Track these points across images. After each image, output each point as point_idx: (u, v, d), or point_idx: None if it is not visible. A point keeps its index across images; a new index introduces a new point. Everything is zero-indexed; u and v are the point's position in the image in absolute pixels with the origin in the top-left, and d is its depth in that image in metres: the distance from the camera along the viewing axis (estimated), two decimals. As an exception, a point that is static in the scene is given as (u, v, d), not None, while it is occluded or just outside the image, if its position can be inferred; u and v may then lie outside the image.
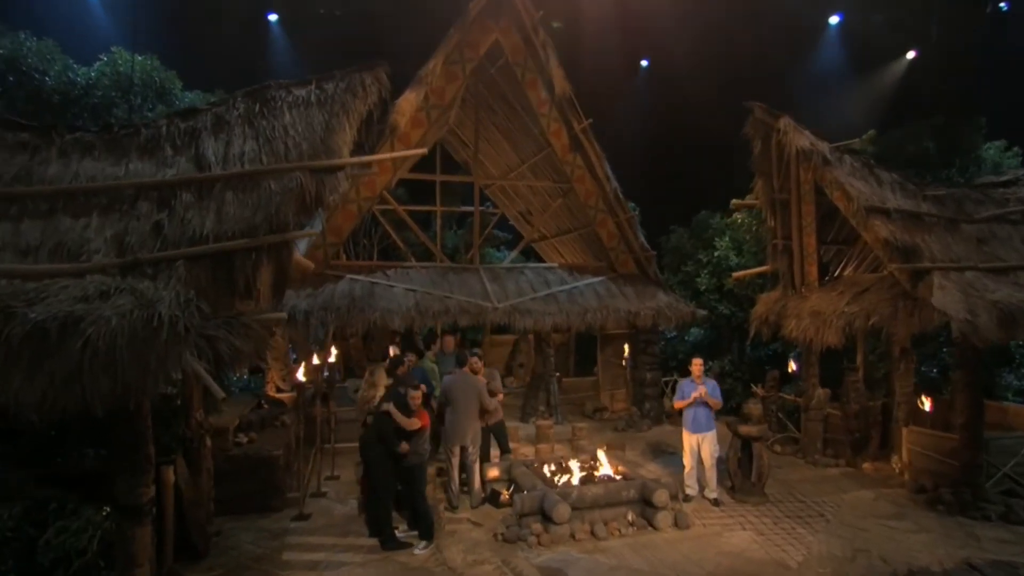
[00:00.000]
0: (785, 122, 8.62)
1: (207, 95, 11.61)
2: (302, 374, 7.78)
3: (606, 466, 7.55)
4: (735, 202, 10.96)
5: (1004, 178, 9.12)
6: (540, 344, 12.42)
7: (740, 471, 7.84)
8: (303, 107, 5.93)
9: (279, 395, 10.31)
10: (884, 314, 7.72)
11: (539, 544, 6.31)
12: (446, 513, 7.27)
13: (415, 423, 6.33)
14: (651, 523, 6.78)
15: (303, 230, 5.47)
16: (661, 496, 6.79)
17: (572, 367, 15.19)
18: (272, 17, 16.57)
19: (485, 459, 7.95)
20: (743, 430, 7.77)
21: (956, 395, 7.79)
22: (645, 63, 19.60)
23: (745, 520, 7.08)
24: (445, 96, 10.95)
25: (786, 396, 10.86)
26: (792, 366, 11.24)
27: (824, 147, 8.33)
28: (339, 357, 11.57)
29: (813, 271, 9.40)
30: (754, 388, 10.52)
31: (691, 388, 7.62)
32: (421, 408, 6.55)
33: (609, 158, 11.88)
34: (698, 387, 7.52)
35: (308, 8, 16.29)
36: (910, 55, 16.57)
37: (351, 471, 8.67)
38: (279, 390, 10.47)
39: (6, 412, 3.72)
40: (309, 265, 7.90)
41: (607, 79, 18.31)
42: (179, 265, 4.71)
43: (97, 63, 10.94)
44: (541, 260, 14.98)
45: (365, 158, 6.00)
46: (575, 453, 8.78)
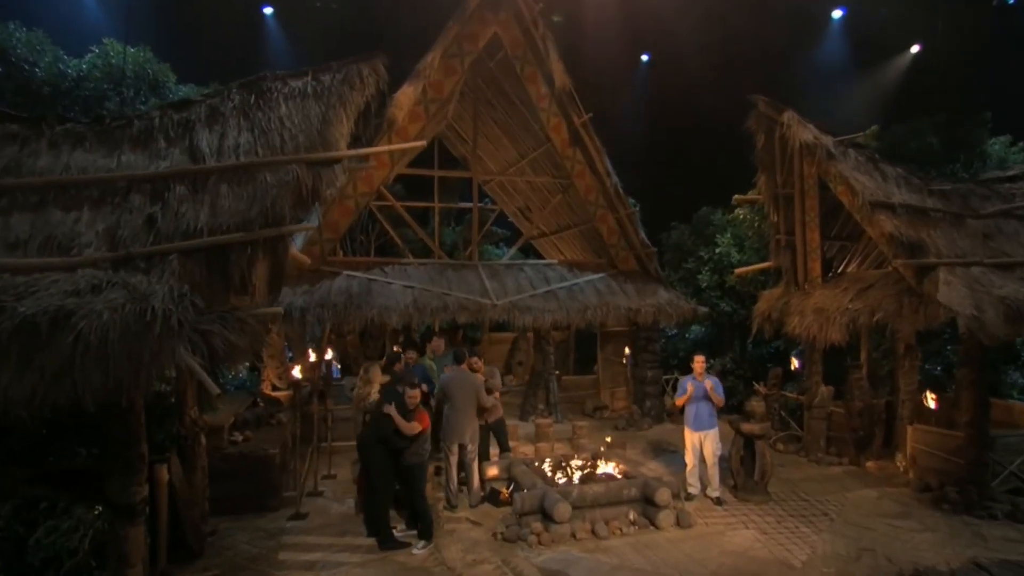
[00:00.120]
0: (789, 116, 8.58)
1: (201, 89, 11.53)
2: (298, 371, 7.72)
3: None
4: (737, 197, 10.93)
5: (1010, 173, 9.10)
6: (540, 342, 12.38)
7: (743, 469, 7.81)
8: (299, 99, 5.87)
9: (275, 393, 10.25)
10: (889, 310, 7.69)
11: (539, 543, 6.27)
12: (445, 512, 7.23)
13: (415, 427, 6.28)
14: (653, 522, 6.74)
15: (300, 224, 5.41)
16: (663, 495, 6.75)
17: (572, 365, 15.16)
18: (267, 10, 16.49)
19: (484, 457, 7.91)
20: (746, 428, 7.75)
21: (961, 393, 7.76)
22: (646, 57, 19.55)
23: (748, 519, 7.05)
24: (443, 90, 10.89)
25: (788, 394, 10.84)
26: (795, 363, 11.22)
27: (828, 141, 8.29)
28: (336, 355, 11.55)
29: (816, 267, 9.36)
30: (756, 386, 10.50)
31: (693, 384, 7.58)
32: (420, 408, 6.49)
33: (609, 153, 11.82)
34: (702, 384, 7.49)
35: (304, 1, 16.21)
36: (914, 49, 16.53)
37: (348, 470, 8.63)
38: (275, 388, 10.41)
39: (-5, 409, 3.67)
40: (305, 260, 7.84)
41: (607, 73, 18.26)
42: (173, 259, 4.65)
43: (88, 55, 10.85)
44: (540, 257, 14.92)
45: (363, 150, 5.94)
46: (575, 451, 8.74)
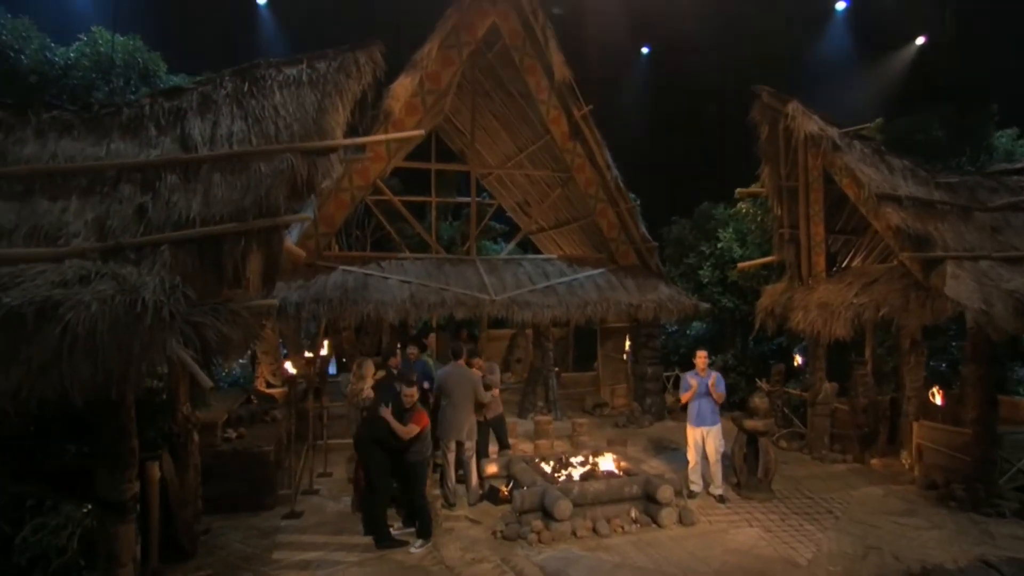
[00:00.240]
0: (793, 106, 8.51)
1: (193, 79, 11.39)
2: (293, 367, 7.65)
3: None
4: (740, 191, 10.87)
5: (1018, 165, 9.06)
6: (539, 338, 12.33)
7: (746, 467, 7.77)
8: (294, 87, 5.78)
9: (269, 390, 10.18)
10: (895, 305, 7.64)
11: (540, 542, 6.22)
12: (443, 510, 7.17)
13: (412, 430, 6.20)
14: (655, 520, 6.70)
15: (294, 215, 5.33)
16: (665, 492, 6.71)
17: (571, 362, 15.12)
18: (260, 0, 16.37)
19: (484, 455, 7.85)
20: (749, 424, 7.70)
21: (968, 389, 7.73)
22: (646, 50, 19.45)
23: (752, 517, 7.01)
24: (441, 81, 10.81)
25: (791, 390, 10.80)
26: (798, 360, 11.18)
27: (834, 132, 8.23)
28: (331, 350, 11.47)
29: (821, 261, 9.31)
30: (759, 382, 10.46)
31: (696, 380, 7.54)
32: (418, 407, 6.42)
33: (609, 147, 11.76)
34: (704, 379, 7.44)
35: (298, -9, 16.10)
36: (920, 41, 16.44)
37: (344, 468, 8.58)
38: (269, 385, 10.34)
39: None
40: (300, 254, 7.76)
41: (608, 65, 18.18)
42: (164, 250, 4.57)
43: (76, 43, 10.71)
44: (539, 252, 14.86)
45: (359, 139, 5.87)
46: (575, 449, 8.69)
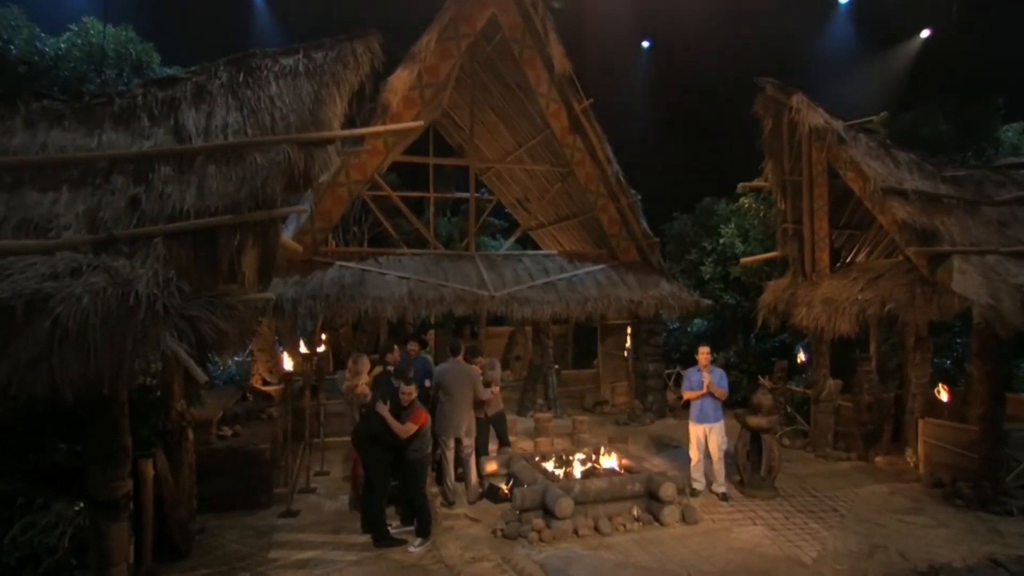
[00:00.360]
0: (798, 99, 8.47)
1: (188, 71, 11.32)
2: (290, 364, 7.59)
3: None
4: (743, 185, 10.84)
5: (1025, 159, 9.03)
6: (538, 335, 12.29)
7: (749, 464, 7.74)
8: (290, 77, 5.73)
9: (265, 388, 10.12)
10: (900, 300, 7.60)
11: (540, 540, 6.18)
12: (442, 509, 7.13)
13: (409, 429, 6.15)
14: (657, 518, 6.66)
15: (291, 207, 5.28)
16: (668, 490, 6.67)
17: (571, 359, 15.09)
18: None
19: (483, 452, 7.81)
20: (752, 422, 7.66)
21: (975, 386, 7.70)
22: (647, 44, 19.38)
23: (755, 515, 6.98)
24: (439, 74, 10.75)
25: (794, 388, 10.77)
26: (801, 356, 11.15)
27: (839, 125, 8.19)
28: (328, 347, 11.42)
29: (825, 257, 9.27)
30: (761, 380, 10.43)
31: (698, 377, 7.51)
32: (417, 405, 6.37)
33: (610, 141, 11.71)
34: (704, 376, 7.41)
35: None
36: (924, 34, 16.39)
37: (341, 466, 8.54)
38: (265, 382, 10.29)
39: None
40: (297, 248, 7.68)
41: (609, 58, 18.12)
42: (157, 242, 4.51)
43: (67, 33, 10.62)
44: (538, 249, 14.82)
45: (357, 131, 5.81)
46: (576, 447, 8.65)
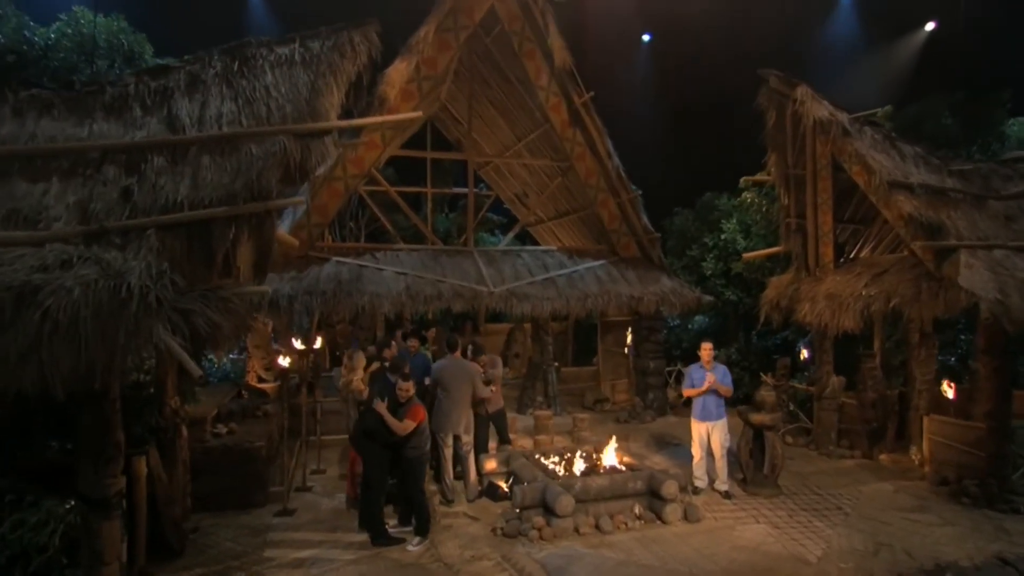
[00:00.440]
0: (802, 91, 8.41)
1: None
2: (286, 361, 7.53)
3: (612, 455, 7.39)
4: (746, 179, 10.79)
5: (1033, 153, 8.99)
6: (538, 332, 12.24)
7: (752, 462, 7.70)
8: (286, 66, 5.66)
9: (261, 385, 10.06)
10: (906, 296, 7.57)
11: (541, 538, 6.14)
12: (441, 507, 7.09)
13: (408, 426, 6.10)
14: (659, 516, 6.63)
15: (287, 199, 5.21)
16: (670, 488, 6.63)
17: (571, 356, 15.03)
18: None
19: (483, 450, 7.77)
20: (755, 419, 7.62)
21: (980, 382, 7.66)
22: (647, 37, 19.29)
23: (759, 513, 6.95)
24: (437, 66, 10.66)
25: (797, 385, 10.73)
26: (804, 353, 11.11)
27: (843, 118, 8.14)
28: (324, 344, 11.35)
29: (828, 252, 9.23)
30: (764, 377, 10.38)
31: (700, 374, 7.46)
32: (415, 401, 6.32)
33: (610, 135, 11.64)
34: (707, 373, 7.36)
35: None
36: (929, 26, 16.31)
37: (338, 464, 8.49)
38: (261, 380, 10.23)
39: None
40: (293, 242, 7.62)
41: (609, 52, 18.03)
42: (150, 234, 4.45)
43: (56, 23, 10.51)
44: (537, 245, 14.75)
45: (355, 121, 5.74)
46: (577, 445, 8.61)
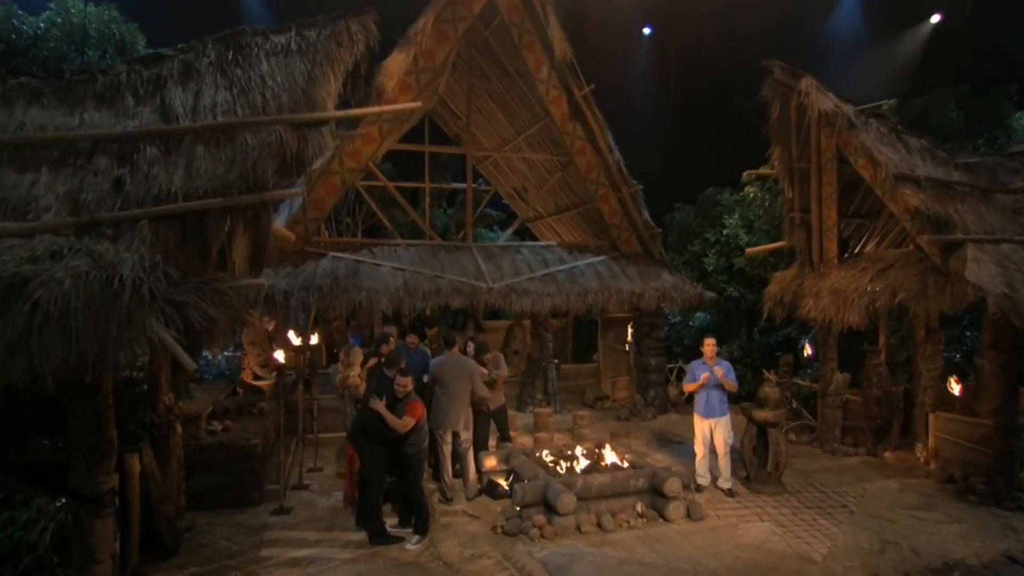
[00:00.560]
0: (807, 82, 8.35)
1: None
2: (282, 356, 7.48)
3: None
4: (749, 172, 10.75)
5: (1040, 146, 8.96)
6: (537, 328, 12.20)
7: (755, 459, 7.67)
8: (282, 55, 5.61)
9: (257, 382, 10.01)
10: (912, 291, 7.53)
11: (542, 537, 6.10)
12: (440, 505, 7.05)
13: (408, 423, 6.06)
14: (662, 514, 6.60)
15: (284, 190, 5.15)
16: (673, 485, 6.60)
17: (570, 354, 14.98)
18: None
19: (484, 447, 7.73)
20: (759, 416, 7.59)
21: (987, 379, 7.64)
22: (648, 30, 19.21)
23: (762, 511, 6.92)
24: (436, 58, 10.60)
25: (800, 382, 10.70)
26: (808, 350, 11.08)
27: (849, 110, 8.10)
28: (321, 341, 11.30)
29: (833, 247, 9.19)
30: (767, 374, 10.34)
31: (702, 370, 7.42)
32: (414, 398, 6.28)
33: (611, 130, 11.59)
34: (712, 369, 7.32)
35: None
36: (935, 18, 16.25)
37: (335, 462, 8.44)
38: (257, 377, 10.17)
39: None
40: (289, 236, 7.56)
41: (610, 45, 17.96)
42: (143, 226, 4.39)
43: (46, 12, 10.41)
44: (536, 241, 14.70)
45: (352, 111, 5.69)
46: (577, 442, 8.57)
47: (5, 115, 4.76)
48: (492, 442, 8.11)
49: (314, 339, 9.34)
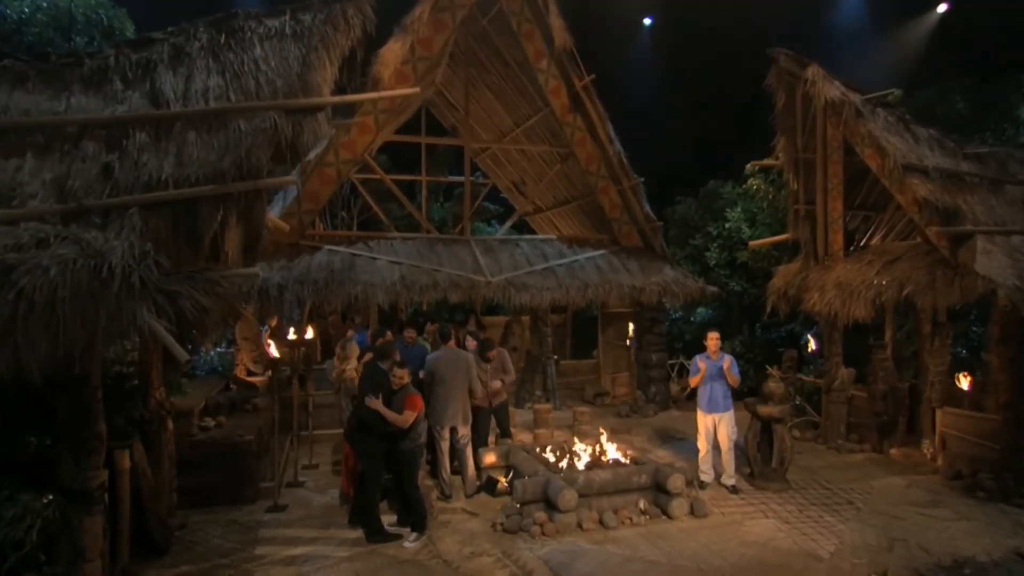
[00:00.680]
0: (813, 71, 8.28)
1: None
2: (276, 350, 7.40)
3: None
4: (753, 163, 10.68)
5: (1050, 137, 8.92)
6: (536, 323, 12.14)
7: (760, 456, 7.62)
8: (276, 39, 5.51)
9: (250, 378, 9.92)
10: (920, 284, 7.47)
11: (543, 534, 6.04)
12: (438, 503, 6.99)
13: (408, 417, 5.99)
14: (665, 511, 6.54)
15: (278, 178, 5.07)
16: (676, 482, 6.54)
17: (569, 350, 14.93)
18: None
19: (484, 443, 7.67)
20: (763, 411, 7.54)
21: (995, 374, 7.61)
22: (649, 21, 19.11)
23: (767, 508, 6.87)
24: (433, 47, 10.51)
25: (804, 377, 10.66)
26: (812, 345, 11.04)
27: (856, 99, 8.04)
28: (316, 336, 11.20)
29: (838, 239, 9.14)
30: (769, 369, 10.31)
31: (706, 364, 7.37)
32: (412, 391, 6.21)
33: (612, 120, 11.51)
34: (725, 361, 7.28)
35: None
36: (941, 8, 16.18)
37: (331, 459, 8.38)
38: (250, 373, 10.08)
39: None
40: (284, 227, 7.47)
41: (610, 34, 17.87)
42: (133, 213, 4.30)
43: None
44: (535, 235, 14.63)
45: (348, 97, 5.60)
46: (578, 439, 8.51)
47: (-12, 99, 4.66)
48: (491, 438, 8.05)
49: (309, 334, 9.23)
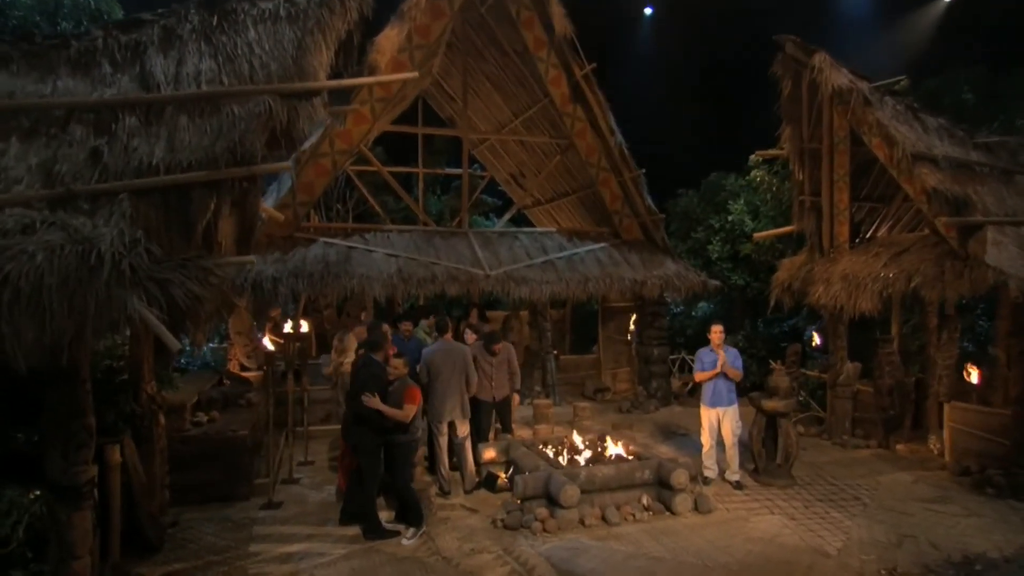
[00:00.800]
0: (820, 58, 8.21)
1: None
2: (269, 343, 7.32)
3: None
4: (758, 153, 10.62)
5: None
6: (536, 318, 12.08)
7: (764, 451, 7.58)
8: (271, 22, 5.39)
9: (244, 373, 9.85)
10: (928, 276, 7.43)
11: (544, 531, 5.99)
12: (437, 499, 6.94)
13: (409, 411, 5.92)
14: (668, 507, 6.50)
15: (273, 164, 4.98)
16: (680, 477, 6.49)
17: (569, 345, 14.88)
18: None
19: (484, 439, 7.61)
20: (768, 405, 7.49)
21: (1004, 368, 7.58)
22: (650, 10, 19.00)
23: (773, 504, 6.83)
24: (430, 34, 10.40)
25: (808, 372, 10.63)
26: (816, 340, 11.00)
27: (864, 86, 7.98)
28: (311, 330, 11.15)
29: (844, 231, 9.09)
30: (773, 364, 10.26)
31: (711, 357, 7.33)
32: (410, 383, 6.14)
33: (613, 110, 11.43)
34: (720, 355, 7.22)
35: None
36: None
37: (326, 455, 8.32)
38: (244, 368, 10.01)
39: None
40: (279, 217, 7.39)
41: (612, 21, 17.77)
42: (123, 199, 4.21)
43: None
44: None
45: (345, 81, 5.51)
46: (580, 434, 8.46)
47: (-29, 82, 4.57)
48: (491, 434, 7.99)
49: (304, 327, 9.18)
